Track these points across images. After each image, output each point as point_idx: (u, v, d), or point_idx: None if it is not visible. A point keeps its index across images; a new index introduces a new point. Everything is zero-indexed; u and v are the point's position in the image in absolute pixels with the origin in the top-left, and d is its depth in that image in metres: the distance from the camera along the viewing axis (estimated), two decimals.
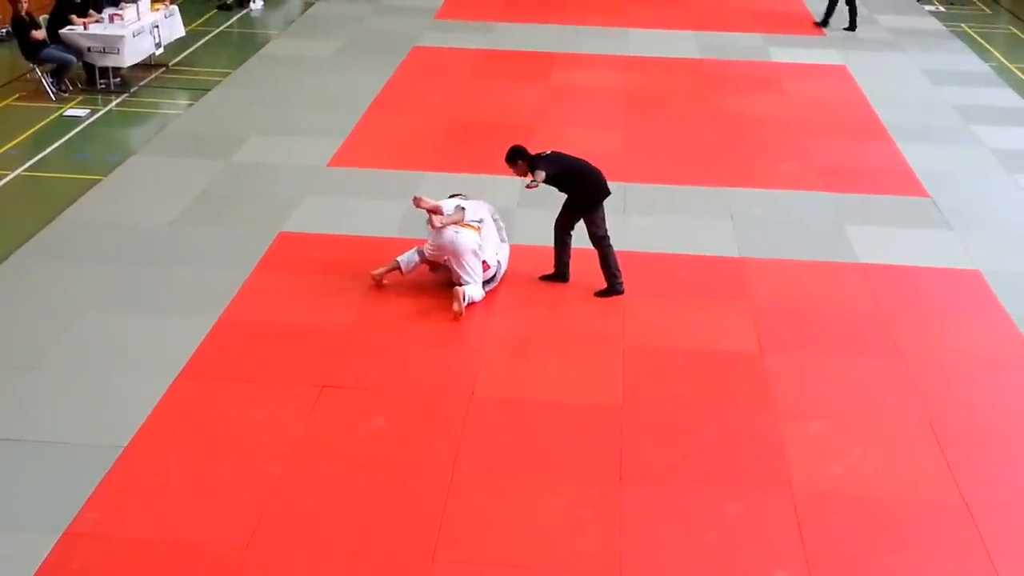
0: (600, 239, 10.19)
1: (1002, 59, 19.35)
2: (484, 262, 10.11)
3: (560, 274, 10.46)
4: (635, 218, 11.93)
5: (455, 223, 10.07)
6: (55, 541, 6.97)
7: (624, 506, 7.51)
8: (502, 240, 10.55)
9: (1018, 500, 7.74)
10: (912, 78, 17.78)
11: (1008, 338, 9.87)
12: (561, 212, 10.35)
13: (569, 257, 10.42)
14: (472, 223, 10.17)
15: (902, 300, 10.49)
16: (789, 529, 7.34)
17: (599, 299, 10.15)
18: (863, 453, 8.18)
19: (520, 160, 10.09)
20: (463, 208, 10.18)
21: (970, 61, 18.98)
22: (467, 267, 9.98)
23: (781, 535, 7.30)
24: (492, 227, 10.43)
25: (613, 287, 10.23)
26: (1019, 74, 18.43)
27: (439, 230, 10.03)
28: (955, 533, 7.38)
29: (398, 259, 10.27)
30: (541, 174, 9.86)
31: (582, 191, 10.18)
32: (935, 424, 8.55)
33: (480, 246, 10.08)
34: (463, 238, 9.99)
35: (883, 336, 9.82)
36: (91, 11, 16.41)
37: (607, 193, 10.25)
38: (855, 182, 13.30)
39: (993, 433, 8.49)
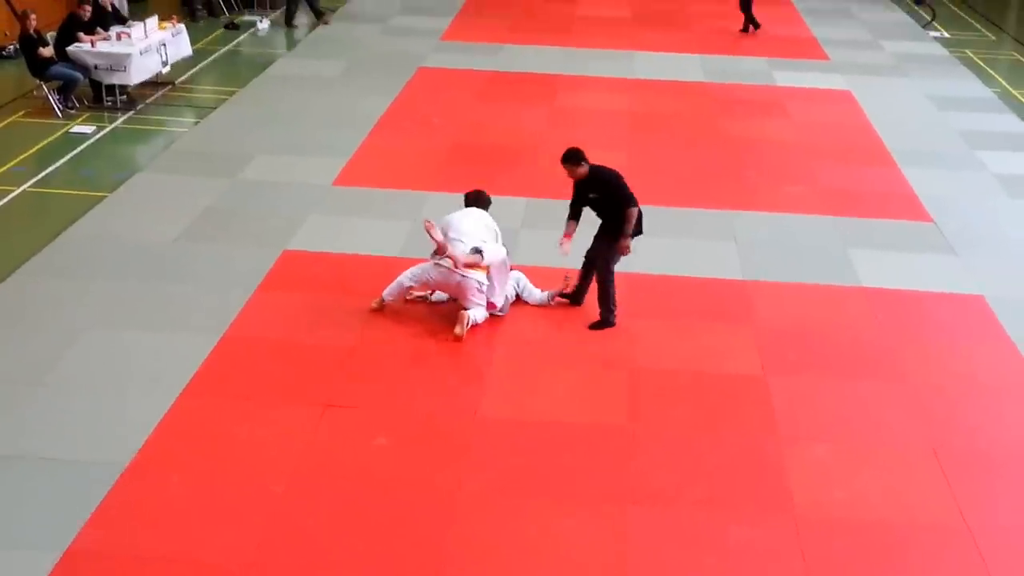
0: (611, 271, 10.10)
1: (1006, 85, 19.40)
2: (491, 302, 10.07)
3: (577, 297, 10.44)
4: (639, 240, 11.91)
5: (472, 266, 9.86)
6: (57, 559, 6.95)
7: (628, 529, 7.49)
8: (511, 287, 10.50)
9: (1021, 525, 7.72)
10: (916, 103, 17.82)
11: (1011, 363, 9.86)
12: (603, 243, 10.08)
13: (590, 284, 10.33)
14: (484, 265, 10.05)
15: (905, 324, 10.49)
16: (792, 553, 7.32)
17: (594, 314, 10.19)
18: (866, 477, 8.16)
19: (583, 163, 9.98)
20: (480, 251, 9.90)
21: (974, 87, 19.03)
22: (472, 299, 9.96)
23: (784, 559, 7.28)
24: (505, 273, 10.25)
25: (608, 320, 10.11)
26: (1022, 100, 18.46)
27: (448, 270, 9.89)
28: (958, 558, 7.36)
29: (383, 294, 10.22)
30: (629, 243, 9.89)
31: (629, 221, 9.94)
32: (938, 449, 8.54)
33: (485, 285, 9.98)
34: (469, 282, 9.87)
35: (886, 360, 9.81)
36: (99, 29, 16.48)
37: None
38: (859, 206, 13.31)
39: (996, 458, 8.47)
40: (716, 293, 10.90)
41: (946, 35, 23.07)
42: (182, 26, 17.92)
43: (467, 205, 10.52)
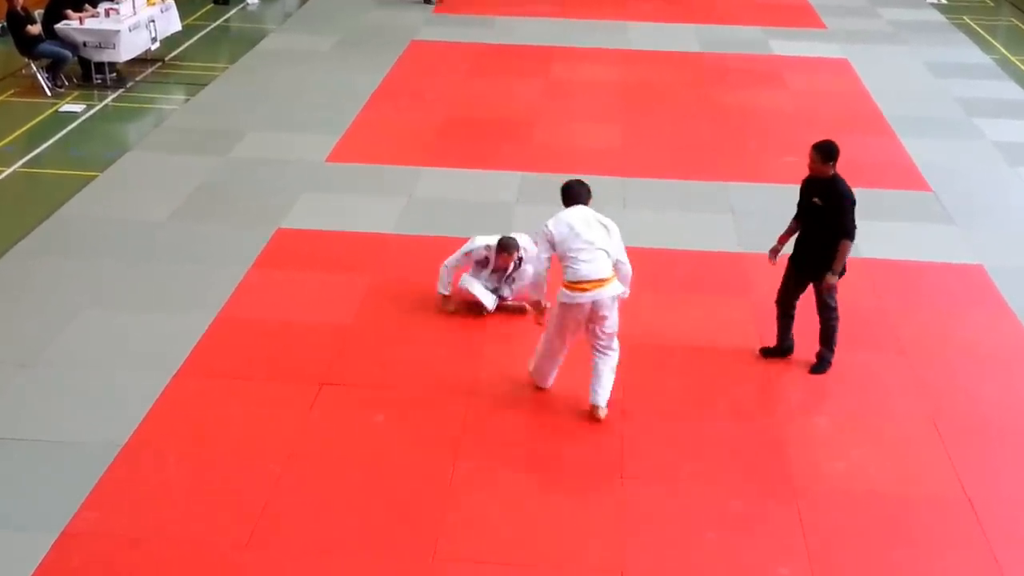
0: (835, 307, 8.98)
1: (1004, 51, 19.29)
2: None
3: (784, 351, 9.24)
4: (635, 212, 11.86)
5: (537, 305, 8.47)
6: (54, 540, 6.91)
7: (626, 504, 7.45)
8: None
9: (1021, 495, 7.69)
10: (914, 71, 17.72)
11: (1011, 333, 9.81)
12: (806, 282, 8.92)
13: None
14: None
15: (905, 295, 10.44)
16: (791, 526, 7.28)
17: None
18: (866, 448, 8.12)
19: (832, 164, 8.76)
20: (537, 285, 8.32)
21: (972, 54, 18.92)
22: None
23: (783, 532, 7.24)
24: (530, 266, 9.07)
25: (828, 359, 9.09)
26: (1021, 66, 18.36)
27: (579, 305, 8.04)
28: (958, 529, 7.32)
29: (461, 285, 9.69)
30: (835, 281, 8.74)
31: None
32: (938, 419, 8.49)
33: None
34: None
35: (886, 331, 9.76)
36: (86, 5, 16.33)
37: None
38: (857, 176, 13.08)
39: (996, 428, 8.43)
40: (713, 265, 10.83)
41: (944, 1, 22.93)
42: (171, 1, 17.76)
43: (570, 202, 8.30)
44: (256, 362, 8.98)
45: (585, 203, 8.22)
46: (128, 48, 16.09)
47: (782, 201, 12.36)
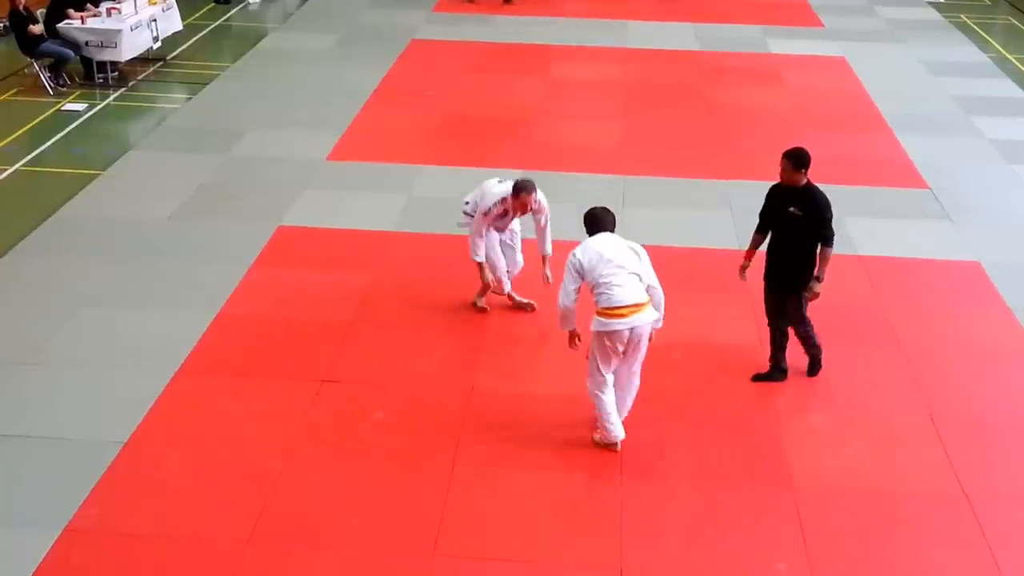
0: (807, 320, 8.84)
1: (1001, 50, 19.33)
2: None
3: (779, 374, 8.96)
4: (633, 210, 11.91)
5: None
6: (56, 537, 6.96)
7: (624, 500, 7.51)
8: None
9: (1018, 492, 7.74)
10: (911, 69, 17.76)
11: (1008, 330, 9.86)
12: (785, 297, 8.68)
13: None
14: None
15: (902, 292, 10.48)
16: (789, 522, 7.33)
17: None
18: (863, 446, 8.17)
19: (803, 171, 8.44)
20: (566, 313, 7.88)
21: (969, 52, 18.96)
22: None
23: (781, 528, 7.29)
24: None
25: (819, 359, 8.97)
26: (1018, 65, 18.40)
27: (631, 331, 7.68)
28: (955, 525, 7.37)
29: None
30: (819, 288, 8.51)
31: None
32: (935, 416, 8.54)
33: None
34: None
35: (883, 328, 9.81)
36: (88, 4, 16.37)
37: None
38: (854, 174, 13.28)
39: (993, 425, 8.48)
40: (711, 263, 10.87)
41: (940, 0, 22.96)
42: (172, 1, 17.80)
43: (594, 229, 7.96)
44: (257, 359, 9.03)
45: (611, 230, 7.91)
46: (130, 47, 16.13)
47: None
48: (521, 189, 9.20)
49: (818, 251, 8.43)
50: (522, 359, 9.16)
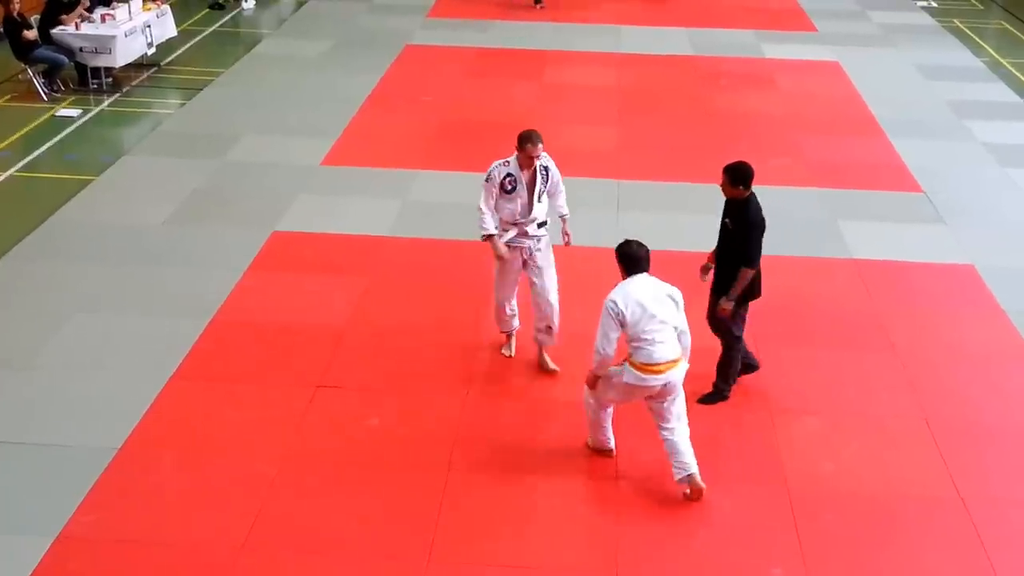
0: (736, 335, 8.70)
1: (994, 54, 19.36)
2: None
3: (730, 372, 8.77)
4: (628, 214, 11.92)
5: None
6: (50, 544, 6.95)
7: (619, 504, 7.51)
8: None
9: (1014, 495, 7.74)
10: (905, 73, 17.79)
11: (1002, 333, 9.87)
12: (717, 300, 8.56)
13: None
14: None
15: (896, 295, 10.50)
16: (785, 526, 7.33)
17: (592, 298, 10.10)
18: (858, 449, 8.18)
19: (741, 186, 8.30)
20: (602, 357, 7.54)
21: (962, 56, 18.99)
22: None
23: (777, 532, 7.29)
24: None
25: (722, 392, 8.76)
26: (1011, 69, 18.43)
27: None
28: (951, 528, 7.38)
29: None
30: (730, 306, 8.40)
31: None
32: (930, 420, 8.55)
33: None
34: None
35: (877, 331, 9.82)
36: (82, 11, 16.34)
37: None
38: (848, 178, 13.30)
39: (988, 428, 8.48)
40: None
41: (934, 4, 23.00)
42: (167, 6, 17.81)
43: (632, 268, 7.63)
44: (252, 365, 9.02)
45: (648, 269, 7.60)
46: (124, 53, 16.12)
47: (773, 203, 12.42)
48: (526, 140, 8.50)
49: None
50: (518, 364, 9.15)
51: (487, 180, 8.61)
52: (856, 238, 11.62)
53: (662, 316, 7.36)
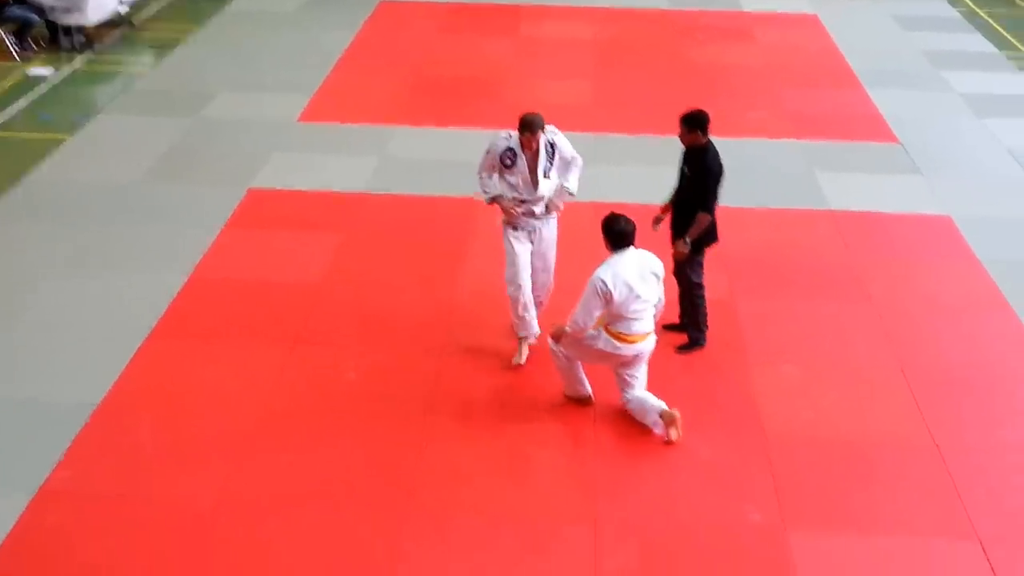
0: (697, 282, 8.72)
1: (971, 4, 19.32)
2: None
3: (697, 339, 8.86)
4: (606, 168, 11.89)
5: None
6: (28, 500, 6.94)
7: (598, 453, 7.54)
8: None
9: (986, 441, 7.81)
10: (882, 25, 17.76)
11: (978, 283, 9.92)
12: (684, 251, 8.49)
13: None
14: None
15: (872, 246, 10.53)
16: (761, 471, 7.39)
17: (571, 247, 10.09)
18: (834, 397, 8.23)
19: (698, 131, 8.46)
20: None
21: (939, 7, 18.96)
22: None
23: (754, 477, 7.35)
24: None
25: (697, 339, 8.81)
26: (988, 19, 18.41)
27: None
28: (925, 474, 7.44)
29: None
30: (684, 248, 8.40)
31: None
32: (905, 368, 8.61)
33: None
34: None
35: (854, 282, 9.86)
36: None
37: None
38: (825, 129, 13.31)
39: (963, 377, 8.54)
40: None
41: None
42: None
43: (617, 242, 7.55)
44: (229, 322, 9.00)
45: (633, 243, 7.55)
46: (96, 11, 15.94)
47: (751, 156, 12.48)
48: (524, 127, 8.13)
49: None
50: (495, 317, 9.15)
51: (487, 152, 8.35)
52: (833, 189, 11.65)
53: (646, 296, 7.50)
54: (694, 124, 8.41)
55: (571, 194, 8.50)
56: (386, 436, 7.64)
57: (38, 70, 14.99)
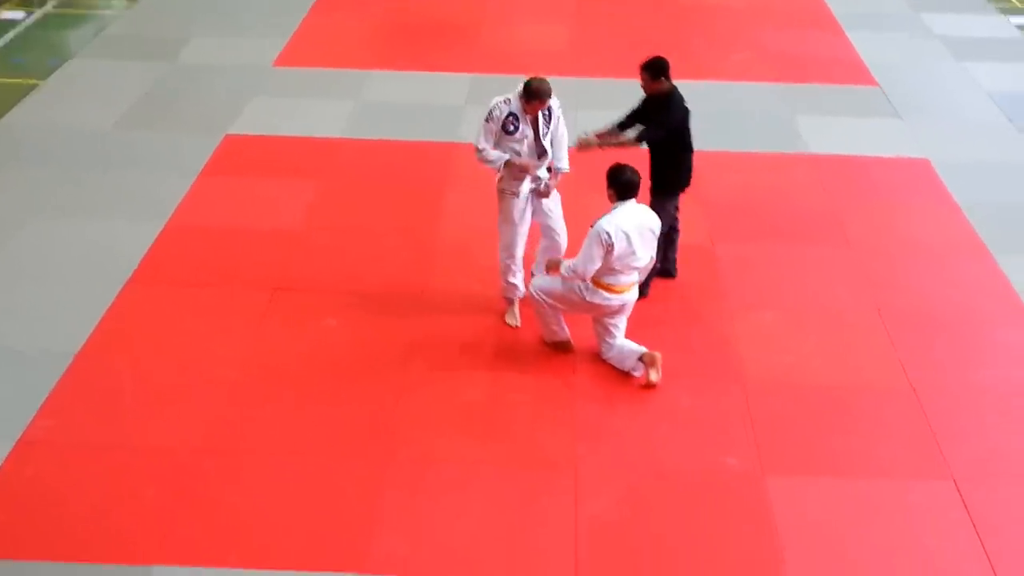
0: (668, 223, 8.52)
1: None
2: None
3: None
4: (585, 113, 11.80)
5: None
6: (9, 449, 6.92)
7: (578, 400, 7.57)
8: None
9: (963, 383, 7.88)
10: None
11: (956, 226, 9.96)
12: (656, 197, 8.44)
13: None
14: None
15: (852, 190, 10.55)
16: (740, 418, 7.43)
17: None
18: (813, 341, 8.27)
19: (664, 77, 8.32)
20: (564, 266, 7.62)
21: None
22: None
23: (732, 423, 7.39)
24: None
25: (667, 269, 8.88)
26: None
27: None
28: (903, 417, 7.50)
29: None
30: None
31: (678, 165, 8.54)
32: (883, 312, 8.65)
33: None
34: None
35: (833, 226, 9.88)
36: None
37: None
38: (805, 72, 13.28)
39: (940, 320, 8.60)
40: None
41: None
42: None
43: (623, 192, 7.55)
44: (207, 269, 8.97)
45: (636, 195, 7.56)
46: None
47: (731, 99, 12.45)
48: (535, 95, 7.85)
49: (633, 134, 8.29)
50: (475, 261, 9.13)
51: (487, 120, 7.92)
52: (812, 133, 11.64)
53: (640, 253, 7.53)
54: (658, 72, 8.29)
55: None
56: (365, 382, 7.65)
57: (9, 14, 14.80)
